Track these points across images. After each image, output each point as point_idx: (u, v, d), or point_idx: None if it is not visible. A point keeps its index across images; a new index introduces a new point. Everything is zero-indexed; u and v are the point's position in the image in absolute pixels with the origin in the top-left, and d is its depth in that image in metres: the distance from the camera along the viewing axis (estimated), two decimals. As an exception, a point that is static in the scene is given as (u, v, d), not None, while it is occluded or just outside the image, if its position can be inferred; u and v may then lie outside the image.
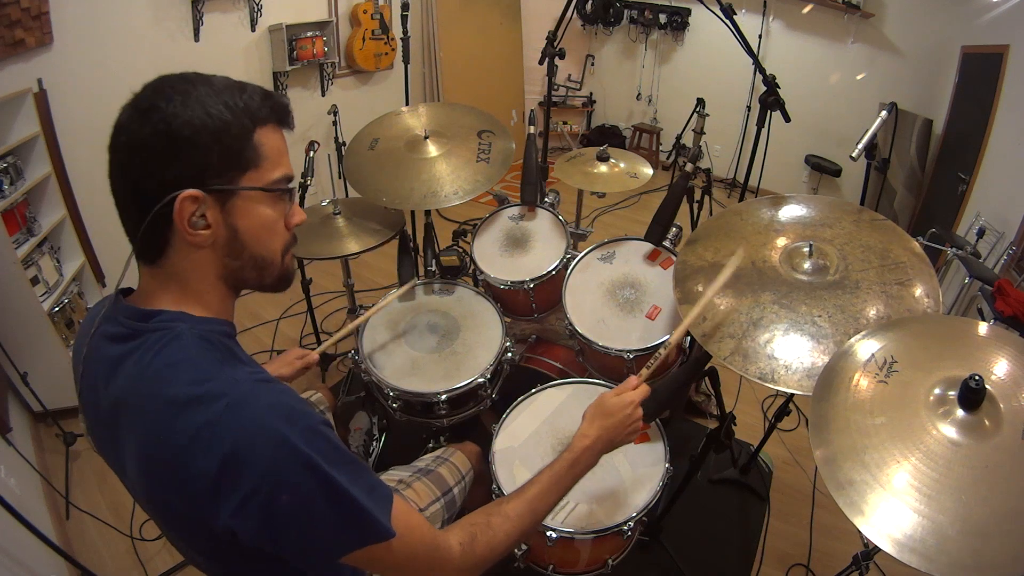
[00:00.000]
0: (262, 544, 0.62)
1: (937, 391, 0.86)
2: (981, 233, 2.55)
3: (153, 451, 0.62)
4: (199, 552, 0.72)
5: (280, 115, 0.69)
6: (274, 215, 0.70)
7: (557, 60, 2.16)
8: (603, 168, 2.06)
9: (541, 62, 2.17)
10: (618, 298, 1.66)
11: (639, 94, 5.20)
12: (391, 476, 1.30)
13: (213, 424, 0.59)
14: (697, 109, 2.03)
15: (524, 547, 1.30)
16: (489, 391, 1.66)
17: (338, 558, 0.65)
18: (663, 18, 4.77)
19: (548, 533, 1.21)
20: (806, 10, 4.10)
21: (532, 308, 1.85)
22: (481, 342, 1.68)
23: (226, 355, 0.66)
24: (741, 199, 1.71)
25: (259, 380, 0.64)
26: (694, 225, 2.01)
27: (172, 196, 0.62)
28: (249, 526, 0.60)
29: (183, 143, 0.61)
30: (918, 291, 1.13)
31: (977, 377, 0.80)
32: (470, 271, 1.93)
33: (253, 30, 3.22)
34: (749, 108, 4.46)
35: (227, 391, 0.61)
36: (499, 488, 1.30)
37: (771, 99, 1.65)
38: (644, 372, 1.04)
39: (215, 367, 0.63)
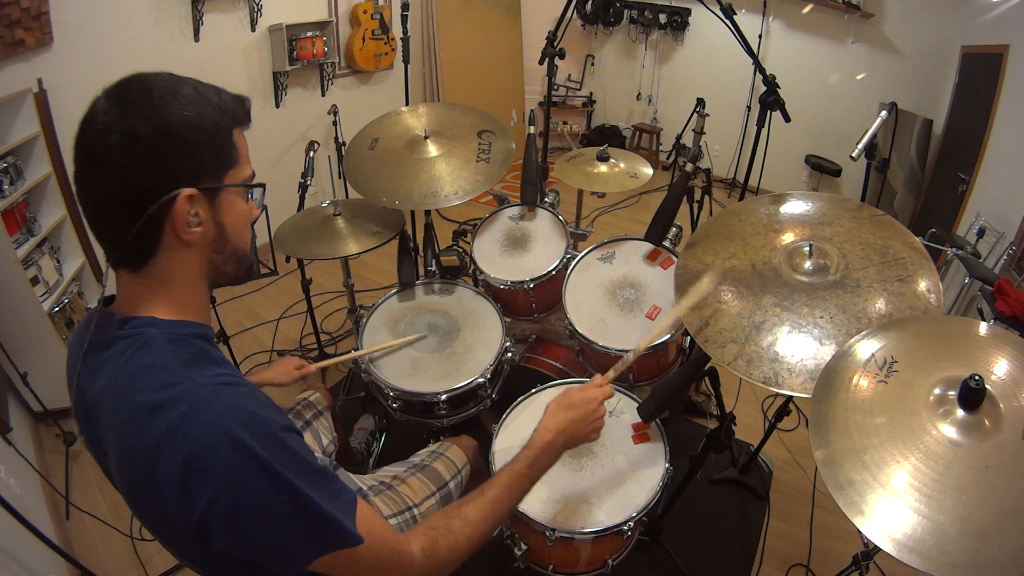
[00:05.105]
0: (231, 549, 0.61)
1: (937, 391, 0.86)
2: (981, 233, 2.55)
3: (127, 457, 0.63)
4: (181, 556, 0.72)
5: (248, 117, 0.73)
6: (248, 209, 0.75)
7: (557, 60, 2.16)
8: (603, 168, 2.05)
9: (541, 62, 2.17)
10: (618, 298, 1.66)
11: (639, 94, 5.20)
12: (386, 472, 1.30)
13: (174, 430, 0.59)
14: (697, 109, 2.03)
15: (524, 547, 1.30)
16: (489, 391, 1.66)
17: (306, 563, 0.64)
18: (663, 18, 4.77)
19: (548, 533, 1.20)
20: (806, 10, 4.10)
21: (532, 308, 1.85)
22: (481, 342, 1.68)
23: (196, 356, 0.66)
24: (741, 199, 1.70)
25: (223, 383, 0.63)
26: (694, 225, 2.01)
27: (172, 195, 0.62)
28: (216, 530, 0.60)
29: (181, 142, 0.63)
30: (919, 287, 1.12)
31: (977, 377, 0.80)
32: (470, 271, 1.93)
33: (253, 30, 3.22)
34: (749, 108, 4.46)
35: (188, 395, 0.60)
36: None
37: (771, 99, 1.64)
38: (611, 374, 1.04)
39: (180, 370, 0.63)
